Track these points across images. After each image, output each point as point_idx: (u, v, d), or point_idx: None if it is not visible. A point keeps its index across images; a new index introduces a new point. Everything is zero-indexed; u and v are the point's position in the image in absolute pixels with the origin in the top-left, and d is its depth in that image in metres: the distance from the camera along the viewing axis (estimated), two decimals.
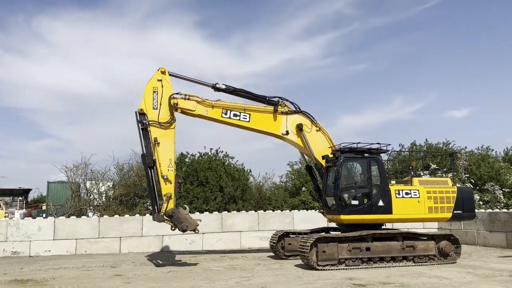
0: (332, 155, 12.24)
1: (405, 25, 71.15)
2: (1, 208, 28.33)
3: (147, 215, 17.07)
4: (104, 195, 21.15)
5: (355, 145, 11.94)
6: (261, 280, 9.32)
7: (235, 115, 12.59)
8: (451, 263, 11.62)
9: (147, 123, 11.86)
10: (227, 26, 76.11)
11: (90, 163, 22.01)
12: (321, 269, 10.58)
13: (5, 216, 25.39)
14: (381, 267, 11.05)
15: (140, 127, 11.90)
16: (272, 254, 13.65)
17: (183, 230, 11.62)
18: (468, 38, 68.01)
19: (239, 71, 71.39)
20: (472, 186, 22.43)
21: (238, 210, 18.78)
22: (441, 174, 20.70)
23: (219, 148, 22.44)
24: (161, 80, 12.21)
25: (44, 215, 23.98)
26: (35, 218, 16.67)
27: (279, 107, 12.84)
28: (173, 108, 12.09)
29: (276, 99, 12.93)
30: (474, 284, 8.68)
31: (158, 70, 12.31)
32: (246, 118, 12.64)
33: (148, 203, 19.70)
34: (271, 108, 12.82)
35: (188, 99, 12.31)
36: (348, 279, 9.38)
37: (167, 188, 11.61)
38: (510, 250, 14.70)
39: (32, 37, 69.39)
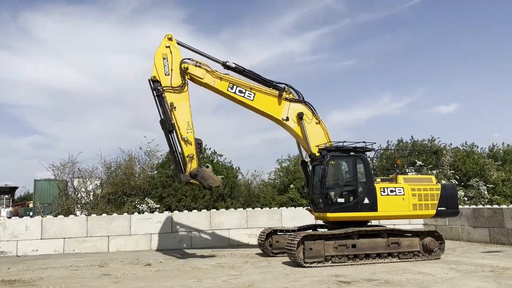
0: (319, 154, 12.38)
1: (393, 21, 71.73)
2: None
3: (136, 213, 17.08)
4: (91, 193, 21.06)
5: (341, 144, 12.10)
6: (249, 278, 9.44)
7: (240, 91, 12.99)
8: (435, 259, 11.87)
9: (161, 89, 12.39)
10: (215, 21, 75.93)
11: (77, 161, 21.86)
12: (308, 266, 10.74)
13: None
14: (367, 263, 11.25)
15: (155, 94, 12.43)
16: (260, 251, 13.77)
17: (209, 187, 12.16)
18: (456, 34, 68.82)
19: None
20: (457, 182, 22.82)
21: (227, 208, 18.87)
22: (426, 171, 21.01)
23: (206, 145, 22.46)
24: (169, 47, 12.73)
25: (31, 213, 23.81)
26: (22, 216, 16.59)
27: (284, 93, 13.16)
28: (184, 72, 12.57)
29: (282, 85, 13.25)
30: (456, 280, 8.91)
31: (165, 37, 12.80)
32: (250, 97, 13.01)
33: (136, 202, 19.68)
34: (276, 92, 13.17)
35: (199, 66, 12.85)
36: (334, 276, 9.55)
37: (189, 150, 12.23)
38: (493, 245, 15.03)
39: (18, 33, 68.43)
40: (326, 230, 12.17)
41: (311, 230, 12.66)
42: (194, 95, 13.03)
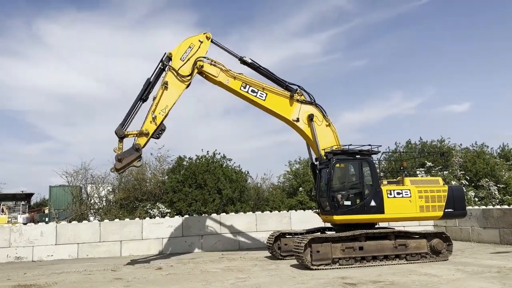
0: (325, 157, 12.54)
1: (404, 20, 71.36)
2: (4, 213, 28.70)
3: (147, 218, 17.40)
4: (104, 199, 21.48)
5: (346, 147, 12.25)
6: (256, 281, 9.63)
7: (253, 91, 13.27)
8: (443, 260, 11.92)
9: (168, 66, 12.73)
10: (225, 24, 76.53)
11: (90, 167, 22.34)
12: (316, 269, 10.89)
13: (8, 221, 25.81)
14: (374, 265, 11.36)
15: (159, 66, 12.78)
16: (269, 254, 13.95)
17: (116, 162, 11.88)
18: (469, 31, 68.15)
19: (238, 70, 71.52)
20: (467, 183, 22.70)
21: (236, 212, 19.08)
22: (435, 172, 20.97)
23: (216, 150, 22.76)
24: (201, 42, 13.11)
25: (47, 219, 24.35)
26: (38, 222, 17.01)
27: (296, 94, 13.41)
28: (198, 70, 12.93)
29: (294, 87, 13.51)
30: (461, 281, 8.98)
31: (204, 34, 13.22)
32: (262, 97, 13.28)
33: (147, 207, 20.02)
34: (288, 93, 13.43)
35: (214, 65, 13.16)
36: (340, 278, 9.69)
37: (149, 126, 12.28)
38: (503, 246, 14.99)
39: (29, 40, 69.81)
40: (334, 232, 12.31)
41: (318, 233, 12.81)
42: (203, 100, 13.30)
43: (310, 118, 13.24)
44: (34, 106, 73.72)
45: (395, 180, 13.09)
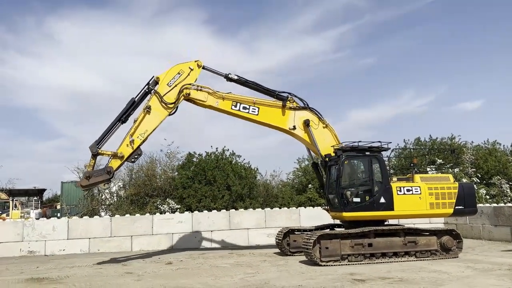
0: (334, 154, 12.53)
1: (414, 17, 70.67)
2: (17, 208, 29.11)
3: (157, 214, 17.56)
4: (115, 195, 21.71)
5: (356, 144, 12.22)
6: (265, 276, 9.69)
7: (244, 108, 13.00)
8: (453, 257, 11.86)
9: (153, 90, 12.42)
10: (234, 22, 76.47)
11: (101, 164, 22.50)
12: (324, 265, 10.91)
13: (21, 216, 26.21)
14: (383, 262, 11.35)
15: (145, 89, 12.49)
16: (278, 250, 14.01)
17: (83, 179, 11.67)
18: (481, 27, 67.29)
19: (247, 67, 71.73)
20: (478, 181, 22.51)
21: (246, 208, 19.17)
22: (446, 169, 20.82)
23: (225, 147, 22.86)
24: (191, 70, 12.81)
25: (58, 214, 24.70)
26: (50, 217, 17.26)
27: (288, 102, 13.18)
28: (185, 97, 12.64)
29: (285, 95, 13.29)
30: (471, 278, 8.95)
31: (195, 61, 12.95)
32: (255, 112, 13.03)
33: (157, 202, 20.20)
34: (279, 103, 13.18)
35: (200, 90, 12.80)
36: (349, 274, 9.71)
37: (125, 150, 11.94)
38: None
39: (41, 38, 70.55)
40: (343, 229, 12.31)
41: (327, 230, 12.82)
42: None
43: (306, 123, 13.04)
44: (47, 104, 74.63)
45: (405, 177, 13.04)
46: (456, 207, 12.29)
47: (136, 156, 12.20)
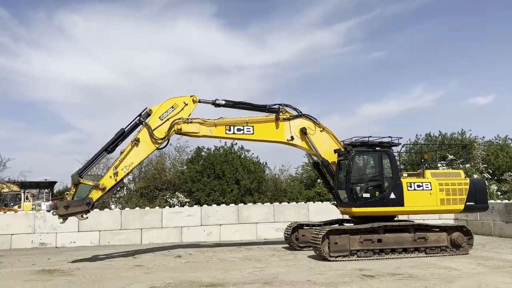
0: (344, 149, 12.47)
1: (426, 10, 69.76)
2: (29, 200, 29.46)
3: (167, 207, 17.65)
4: (125, 188, 21.87)
5: (366, 139, 12.15)
6: (274, 271, 9.71)
7: (238, 129, 12.69)
8: (463, 254, 11.77)
9: (144, 122, 12.06)
10: (244, 15, 76.03)
11: (111, 157, 22.67)
12: (333, 260, 10.90)
13: (32, 208, 26.54)
14: (393, 258, 11.30)
15: (136, 120, 12.17)
16: (286, 245, 14.02)
17: (61, 208, 11.31)
18: (492, 23, 66.30)
19: (257, 61, 71.46)
20: (490, 177, 22.27)
21: (254, 202, 19.20)
22: (457, 165, 20.63)
23: (233, 141, 22.85)
24: (186, 105, 12.41)
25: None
26: None
27: (281, 114, 12.87)
28: (176, 132, 12.33)
29: (276, 107, 12.99)
30: (482, 275, 8.87)
31: (190, 96, 12.54)
32: (250, 131, 12.74)
33: (167, 196, 20.32)
34: (273, 116, 12.88)
35: (191, 122, 12.40)
36: (358, 269, 9.68)
37: (108, 182, 11.62)
38: None
39: (53, 32, 70.97)
40: (352, 224, 12.28)
41: (337, 225, 12.80)
42: (222, 90, 13.08)
43: (303, 131, 12.87)
44: (58, 97, 75.25)
45: (415, 172, 12.95)
46: (467, 203, 12.19)
47: (118, 189, 11.85)
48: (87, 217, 11.92)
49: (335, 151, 12.86)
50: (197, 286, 8.17)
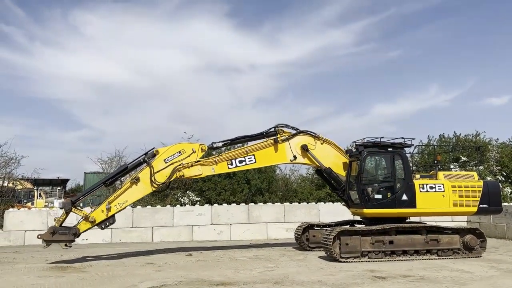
0: (355, 150, 12.41)
1: (441, 8, 68.93)
2: (41, 198, 29.86)
3: (178, 206, 17.75)
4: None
5: (378, 140, 12.07)
6: (284, 271, 9.70)
7: (240, 161, 12.52)
8: (476, 257, 11.63)
9: (148, 162, 11.98)
10: (258, 14, 75.93)
11: (123, 155, 22.93)
12: (344, 261, 10.85)
13: (45, 205, 26.90)
14: (404, 260, 11.21)
15: (141, 158, 12.11)
16: (297, 245, 14.00)
17: (47, 233, 11.28)
18: (509, 20, 65.19)
19: (270, 60, 71.31)
20: (503, 179, 21.97)
21: (265, 202, 19.20)
22: (470, 167, 20.39)
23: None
24: (194, 152, 12.29)
25: (81, 204, 25.17)
26: None
27: (278, 136, 12.74)
28: (178, 179, 12.36)
29: (272, 130, 12.85)
30: (495, 279, 8.77)
31: (200, 145, 12.52)
32: (252, 160, 12.58)
33: (178, 195, 20.42)
34: (271, 140, 12.73)
35: (192, 166, 12.21)
36: (369, 271, 9.63)
37: (98, 216, 11.52)
38: None
39: (67, 30, 71.71)
40: (363, 226, 12.22)
41: (348, 226, 12.74)
42: (234, 89, 13.06)
43: (304, 148, 12.78)
44: (72, 95, 76.00)
45: (428, 174, 12.83)
46: (480, 206, 12.03)
47: (107, 224, 11.78)
48: (71, 246, 11.72)
49: (347, 151, 12.81)
50: (207, 285, 8.21)
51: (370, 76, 72.95)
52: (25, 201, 27.98)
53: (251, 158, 12.59)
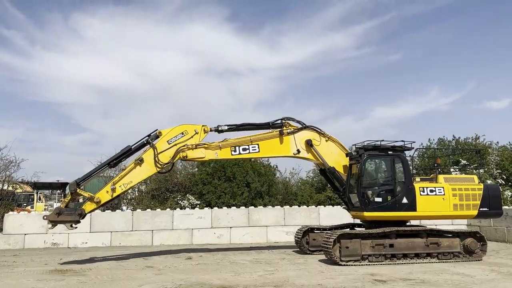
0: (355, 153, 12.41)
1: (441, 12, 68.97)
2: (41, 201, 29.81)
3: (178, 209, 17.74)
4: (137, 189, 22.01)
5: (378, 143, 12.07)
6: (284, 274, 9.68)
7: (244, 149, 12.64)
8: (476, 260, 11.61)
9: (151, 143, 12.06)
10: (258, 17, 76.02)
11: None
12: (344, 265, 10.83)
13: (45, 209, 26.85)
14: (405, 263, 11.19)
15: (144, 139, 12.15)
16: (297, 248, 13.97)
17: (52, 214, 11.40)
18: (509, 24, 65.23)
19: (270, 63, 71.35)
20: (504, 182, 21.96)
21: (265, 205, 19.16)
22: (470, 170, 20.37)
23: None
24: (197, 133, 12.44)
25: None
26: None
27: (284, 128, 12.85)
28: (181, 159, 12.38)
29: (279, 122, 12.96)
30: (495, 282, 8.74)
31: (202, 126, 12.61)
32: (255, 149, 12.68)
33: (178, 198, 20.40)
34: (277, 131, 12.83)
35: (195, 148, 12.33)
36: (369, 274, 9.61)
37: (103, 196, 11.55)
38: None
39: (67, 33, 71.80)
40: (363, 229, 12.20)
41: (348, 229, 12.72)
42: (235, 92, 13.05)
43: (309, 143, 12.83)
44: (72, 98, 75.98)
45: (428, 177, 12.82)
46: (481, 209, 12.02)
47: (112, 205, 11.86)
48: (76, 227, 11.81)
49: (347, 154, 12.80)
50: None
51: (370, 79, 72.97)
52: (25, 204, 27.90)
53: (255, 147, 12.69)
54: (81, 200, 12.99)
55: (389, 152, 12.09)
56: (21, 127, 65.79)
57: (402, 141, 12.10)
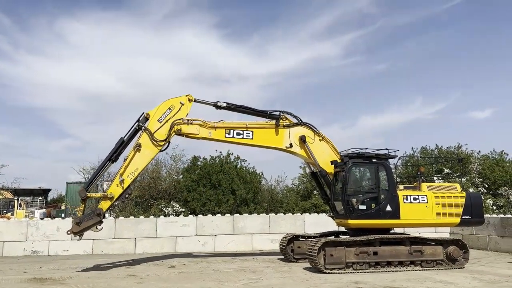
0: (340, 160, 12.46)
1: (427, 24, 70.29)
2: (22, 208, 29.21)
3: (161, 216, 17.53)
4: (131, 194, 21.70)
5: (363, 151, 12.14)
6: (269, 282, 9.60)
7: (238, 133, 12.72)
8: (459, 268, 11.71)
9: (143, 127, 12.09)
10: (247, 25, 76.43)
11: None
12: (329, 273, 10.80)
13: (25, 216, 26.30)
14: (388, 271, 11.21)
15: (135, 126, 12.18)
16: (282, 256, 13.91)
17: (74, 225, 11.37)
18: (493, 36, 66.78)
19: (259, 71, 71.70)
20: (485, 191, 22.30)
21: (250, 213, 19.09)
22: (453, 178, 20.65)
23: (229, 150, 22.81)
24: (182, 104, 12.48)
25: (63, 215, 24.73)
26: (54, 217, 17.26)
27: (281, 121, 12.94)
28: (176, 133, 12.32)
29: (277, 113, 13.06)
30: None
31: (186, 96, 12.61)
32: (249, 136, 12.78)
33: (162, 205, 20.18)
34: (273, 122, 12.94)
35: (191, 123, 12.43)
36: (354, 282, 9.59)
37: (115, 190, 11.63)
38: None
39: (53, 38, 71.05)
40: (348, 236, 12.21)
41: (332, 237, 12.72)
42: (223, 99, 12.94)
43: (302, 139, 12.88)
44: (57, 104, 75.01)
45: (412, 185, 12.93)
46: (463, 217, 12.15)
47: (126, 196, 11.87)
48: (102, 228, 11.95)
49: (332, 162, 12.84)
50: None
51: (357, 89, 73.82)
52: (5, 211, 27.35)
53: (249, 133, 12.76)
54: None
55: (373, 160, 12.18)
56: (5, 132, 64.67)
57: (386, 149, 12.23)
